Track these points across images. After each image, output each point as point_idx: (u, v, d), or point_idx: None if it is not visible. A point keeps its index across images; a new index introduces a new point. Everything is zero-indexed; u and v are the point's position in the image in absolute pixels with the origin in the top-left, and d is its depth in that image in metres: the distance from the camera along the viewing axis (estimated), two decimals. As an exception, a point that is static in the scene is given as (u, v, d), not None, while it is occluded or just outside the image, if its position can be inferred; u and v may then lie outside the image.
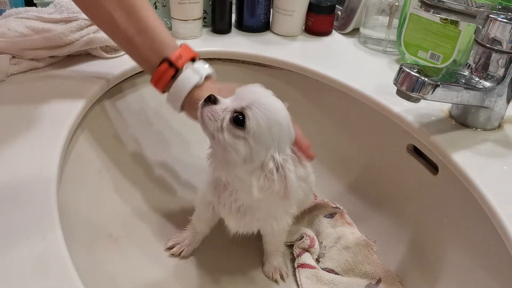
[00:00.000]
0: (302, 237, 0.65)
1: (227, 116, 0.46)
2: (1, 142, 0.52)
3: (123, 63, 0.70)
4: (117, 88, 0.69)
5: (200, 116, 0.48)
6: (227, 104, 0.47)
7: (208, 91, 0.51)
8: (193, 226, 0.63)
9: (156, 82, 0.57)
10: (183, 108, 0.57)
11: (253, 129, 0.45)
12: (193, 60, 0.57)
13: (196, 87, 0.55)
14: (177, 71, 0.55)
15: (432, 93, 0.51)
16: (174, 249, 0.63)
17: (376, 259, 0.62)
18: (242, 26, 0.85)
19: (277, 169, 0.46)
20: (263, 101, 0.46)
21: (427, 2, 0.54)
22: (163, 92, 0.57)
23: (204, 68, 0.57)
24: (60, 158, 0.51)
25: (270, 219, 0.55)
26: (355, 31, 0.85)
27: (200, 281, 0.61)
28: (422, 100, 0.53)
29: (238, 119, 0.45)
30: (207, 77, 0.56)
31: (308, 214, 0.70)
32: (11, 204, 0.44)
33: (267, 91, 0.48)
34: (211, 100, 0.47)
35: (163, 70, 0.55)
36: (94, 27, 0.68)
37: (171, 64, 0.55)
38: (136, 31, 0.55)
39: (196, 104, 0.49)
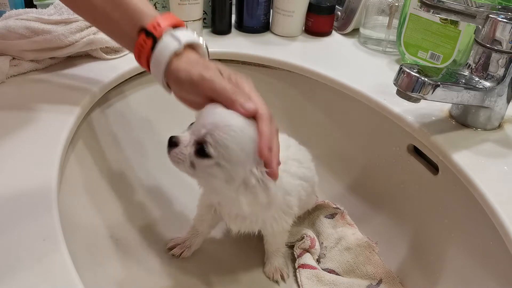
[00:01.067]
0: (302, 238, 0.65)
1: (192, 151, 0.46)
2: (1, 143, 0.52)
3: (123, 64, 0.70)
4: (118, 89, 0.69)
5: (170, 161, 0.48)
6: (188, 138, 0.47)
7: (191, 64, 0.47)
8: (194, 227, 0.63)
9: (138, 58, 0.51)
10: (168, 85, 0.50)
11: (221, 153, 0.45)
12: (176, 28, 0.50)
13: (177, 55, 0.48)
14: (156, 41, 0.49)
15: (432, 93, 0.51)
16: (174, 250, 0.63)
17: (377, 260, 0.62)
18: (242, 27, 0.85)
19: (258, 182, 0.46)
20: (224, 123, 0.45)
21: (427, 2, 0.54)
22: (149, 69, 0.51)
23: (186, 35, 0.49)
24: (60, 161, 0.51)
25: (270, 220, 0.56)
26: (355, 32, 0.85)
27: (201, 282, 0.61)
28: (422, 100, 0.53)
29: (202, 151, 0.46)
30: (192, 46, 0.49)
31: (309, 214, 0.70)
32: (12, 206, 0.44)
33: (226, 111, 0.46)
34: (172, 143, 0.47)
35: (141, 42, 0.49)
36: (94, 29, 0.68)
37: (148, 33, 0.49)
38: (112, 7, 0.50)
39: (179, 79, 0.47)
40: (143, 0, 0.51)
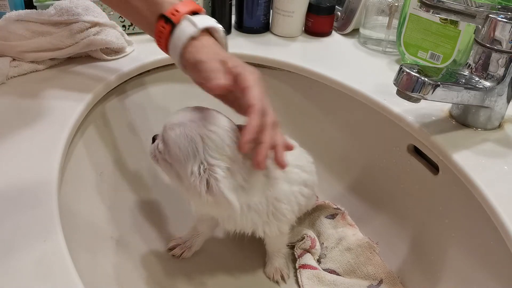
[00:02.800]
0: (303, 238, 0.65)
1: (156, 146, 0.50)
2: (2, 144, 0.52)
3: (124, 65, 0.70)
4: (118, 90, 0.69)
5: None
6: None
7: (202, 49, 0.48)
8: (195, 228, 0.63)
9: (159, 43, 0.52)
10: (186, 68, 0.51)
11: (167, 150, 0.48)
12: (195, 14, 0.51)
13: (193, 39, 0.49)
14: (174, 26, 0.50)
15: (432, 93, 0.51)
16: (175, 250, 0.63)
17: (378, 260, 0.62)
18: (242, 27, 0.85)
19: (199, 181, 0.46)
20: (175, 120, 0.47)
21: (427, 2, 0.54)
22: (169, 53, 0.52)
23: (204, 20, 0.50)
24: (61, 160, 0.51)
25: (259, 223, 0.54)
26: (355, 32, 0.85)
27: (201, 282, 0.61)
28: (422, 100, 0.53)
29: (157, 146, 0.49)
30: (210, 31, 0.50)
31: (309, 215, 0.70)
32: (12, 206, 0.44)
33: (190, 112, 0.48)
34: (153, 139, 0.51)
35: (160, 28, 0.51)
36: (94, 30, 0.68)
37: (167, 19, 0.50)
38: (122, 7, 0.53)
39: (188, 63, 0.48)
40: None
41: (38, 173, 0.48)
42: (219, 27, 0.52)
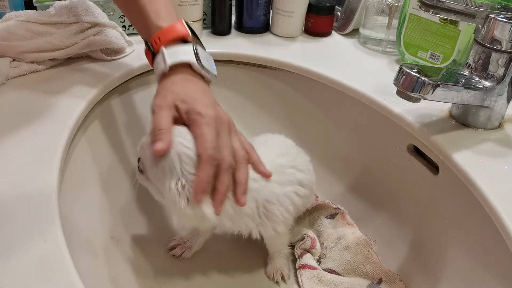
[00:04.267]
0: (303, 238, 0.65)
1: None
2: (2, 144, 0.52)
3: (123, 65, 0.70)
4: (118, 90, 0.69)
5: None
6: None
7: (168, 90, 0.49)
8: (196, 228, 0.63)
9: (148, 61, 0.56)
10: None
11: (145, 170, 0.50)
12: (183, 40, 0.52)
13: (164, 75, 0.51)
14: (154, 55, 0.52)
15: (432, 93, 0.51)
16: (175, 250, 0.63)
17: (375, 258, 0.62)
18: (242, 28, 0.85)
19: (183, 196, 0.47)
20: (149, 140, 0.48)
21: (427, 2, 0.54)
22: None
23: (176, 55, 0.51)
24: (61, 161, 0.51)
25: (251, 226, 0.54)
26: (354, 32, 0.85)
27: (202, 283, 0.61)
28: (422, 100, 0.53)
29: (139, 167, 0.52)
30: (184, 66, 0.51)
31: (309, 215, 0.70)
32: (12, 206, 0.44)
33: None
34: (138, 160, 0.53)
35: (146, 50, 0.54)
36: (94, 30, 0.68)
37: (149, 47, 0.53)
38: (131, 9, 0.56)
39: (153, 109, 0.50)
40: (159, 4, 0.54)
41: (38, 174, 0.48)
42: (190, 60, 0.51)
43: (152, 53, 0.53)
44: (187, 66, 0.51)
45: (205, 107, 0.48)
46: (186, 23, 0.54)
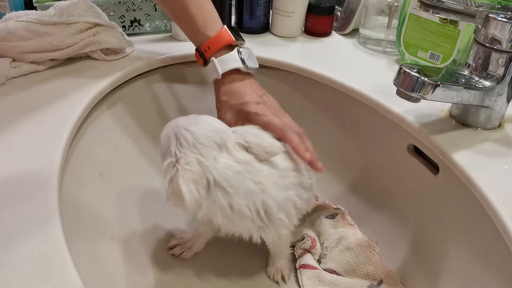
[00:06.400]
0: (303, 238, 0.65)
1: None
2: (2, 145, 0.52)
3: (123, 65, 0.70)
4: (118, 90, 0.69)
5: None
6: None
7: (228, 95, 0.59)
8: (197, 228, 0.63)
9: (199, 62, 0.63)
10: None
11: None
12: (231, 46, 0.60)
13: (218, 80, 0.60)
14: (206, 61, 0.61)
15: (432, 93, 0.51)
16: (175, 249, 0.63)
17: (378, 260, 0.62)
18: (242, 28, 0.85)
19: (169, 174, 0.48)
20: (167, 124, 0.53)
21: (426, 2, 0.54)
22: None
23: (226, 62, 0.59)
24: (61, 161, 0.51)
25: (252, 229, 0.54)
26: (354, 32, 0.85)
27: (201, 283, 0.61)
28: (422, 100, 0.53)
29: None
30: (233, 71, 0.59)
31: (309, 215, 0.70)
32: (13, 206, 0.45)
33: (191, 115, 0.53)
34: None
35: (197, 56, 0.62)
36: (94, 30, 0.68)
37: (201, 54, 0.61)
38: (181, 17, 0.62)
39: (222, 102, 0.60)
40: (206, 15, 0.61)
41: (38, 174, 0.48)
42: (238, 66, 0.59)
43: (203, 59, 0.61)
44: (235, 70, 0.59)
45: (255, 99, 0.59)
46: (228, 26, 0.61)
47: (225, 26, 0.61)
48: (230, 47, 0.60)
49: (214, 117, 0.56)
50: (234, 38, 0.60)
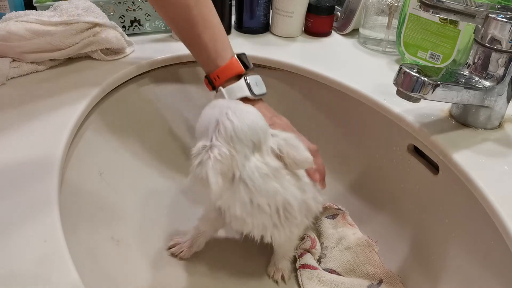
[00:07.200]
0: (303, 238, 0.65)
1: None
2: (2, 145, 0.52)
3: (123, 65, 0.70)
4: (118, 90, 0.69)
5: None
6: None
7: None
8: (197, 227, 0.63)
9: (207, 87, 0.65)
10: None
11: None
12: (239, 76, 0.61)
13: None
14: (215, 88, 0.62)
15: (432, 93, 0.51)
16: (174, 249, 0.63)
17: (377, 259, 0.62)
18: (242, 28, 0.85)
19: (199, 157, 0.48)
20: (214, 103, 0.53)
21: (426, 2, 0.54)
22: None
23: (235, 92, 0.60)
24: (61, 161, 0.51)
25: (269, 226, 0.53)
26: (354, 32, 0.85)
27: (201, 283, 0.61)
28: (422, 100, 0.53)
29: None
30: (242, 99, 0.60)
31: (309, 215, 0.70)
32: (13, 206, 0.45)
33: (241, 101, 0.55)
34: None
35: (206, 82, 0.63)
36: (94, 30, 0.68)
37: (210, 81, 0.62)
38: (193, 44, 0.63)
39: None
40: (219, 44, 0.62)
41: (38, 174, 0.48)
42: (246, 95, 0.60)
43: (212, 86, 0.63)
44: (243, 98, 0.60)
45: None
46: (237, 56, 0.63)
47: (235, 56, 0.63)
48: (238, 76, 0.62)
49: None
50: (243, 68, 0.62)
